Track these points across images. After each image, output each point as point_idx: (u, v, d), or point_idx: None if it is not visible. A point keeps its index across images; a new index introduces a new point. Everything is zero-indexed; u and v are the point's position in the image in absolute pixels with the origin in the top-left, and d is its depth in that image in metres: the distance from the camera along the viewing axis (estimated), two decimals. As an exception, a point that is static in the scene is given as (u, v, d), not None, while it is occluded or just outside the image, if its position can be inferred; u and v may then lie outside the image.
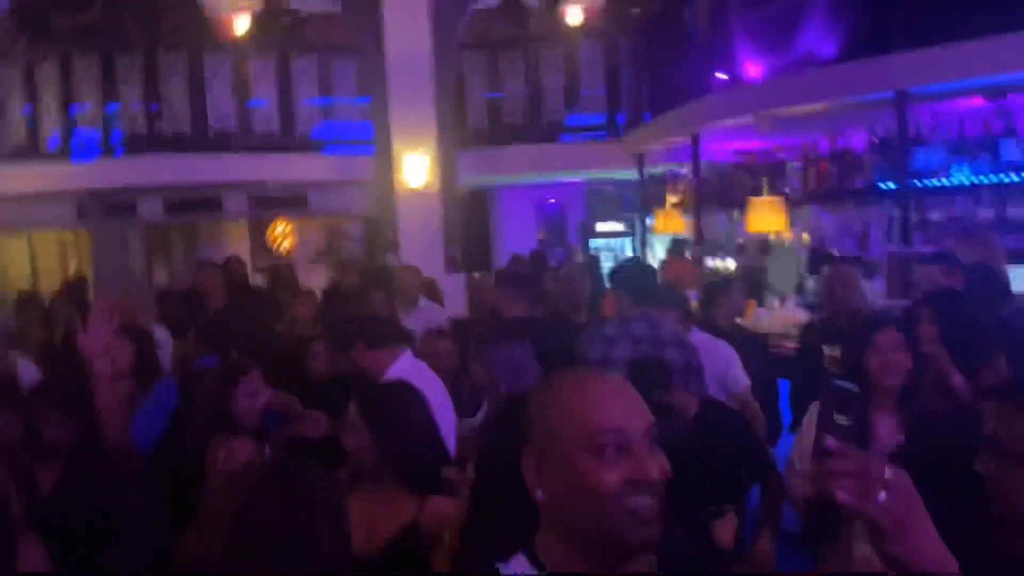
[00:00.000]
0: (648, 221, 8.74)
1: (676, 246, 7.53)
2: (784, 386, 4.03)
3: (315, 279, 7.40)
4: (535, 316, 3.64)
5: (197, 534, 1.40)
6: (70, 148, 7.83)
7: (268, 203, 8.52)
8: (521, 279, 4.08)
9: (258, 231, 10.38)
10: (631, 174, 8.69)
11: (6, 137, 7.85)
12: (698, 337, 3.06)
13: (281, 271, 8.19)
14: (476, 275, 7.25)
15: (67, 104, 7.89)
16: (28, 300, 6.36)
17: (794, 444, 2.62)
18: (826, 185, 6.25)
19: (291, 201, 8.54)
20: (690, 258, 6.95)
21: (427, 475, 1.95)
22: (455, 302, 6.18)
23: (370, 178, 7.99)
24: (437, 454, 2.08)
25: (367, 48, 7.88)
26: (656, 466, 1.00)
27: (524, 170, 8.76)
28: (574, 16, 9.37)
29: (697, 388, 2.39)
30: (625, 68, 8.77)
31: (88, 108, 7.89)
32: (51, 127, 7.86)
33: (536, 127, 8.56)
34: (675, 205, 8.07)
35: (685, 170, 7.83)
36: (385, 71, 7.75)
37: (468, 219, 8.43)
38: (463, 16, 8.22)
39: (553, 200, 11.12)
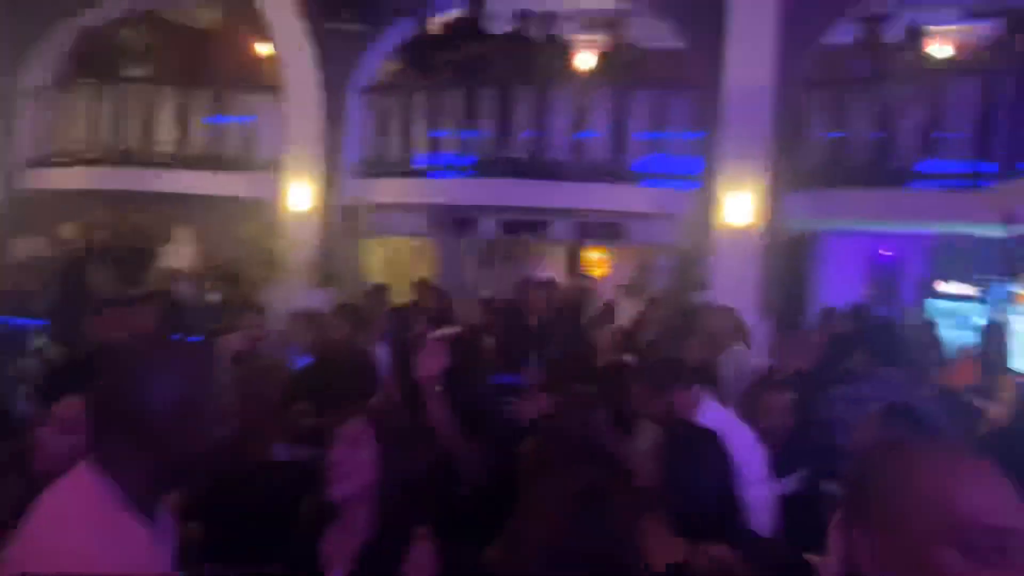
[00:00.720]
0: (1010, 288, 7.45)
1: None
2: None
3: (624, 308, 7.54)
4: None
5: (515, 538, 1.55)
6: (431, 167, 8.97)
7: (589, 229, 8.90)
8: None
9: (574, 255, 10.90)
10: (994, 231, 7.47)
11: (385, 155, 9.21)
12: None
13: (591, 297, 8.53)
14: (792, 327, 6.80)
15: (433, 129, 9.02)
16: (378, 291, 7.43)
17: None
18: None
19: (610, 229, 8.82)
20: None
21: (703, 525, 1.91)
22: (762, 349, 5.86)
23: (689, 212, 7.94)
24: (724, 508, 2.03)
25: (704, 83, 7.86)
26: None
27: (863, 216, 7.96)
28: (940, 52, 8.40)
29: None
30: (999, 110, 7.57)
31: (449, 134, 8.95)
32: (418, 148, 9.06)
33: (882, 171, 7.73)
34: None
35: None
36: (719, 107, 7.66)
37: (785, 264, 7.95)
38: (811, 52, 7.80)
39: (888, 252, 10.03)
